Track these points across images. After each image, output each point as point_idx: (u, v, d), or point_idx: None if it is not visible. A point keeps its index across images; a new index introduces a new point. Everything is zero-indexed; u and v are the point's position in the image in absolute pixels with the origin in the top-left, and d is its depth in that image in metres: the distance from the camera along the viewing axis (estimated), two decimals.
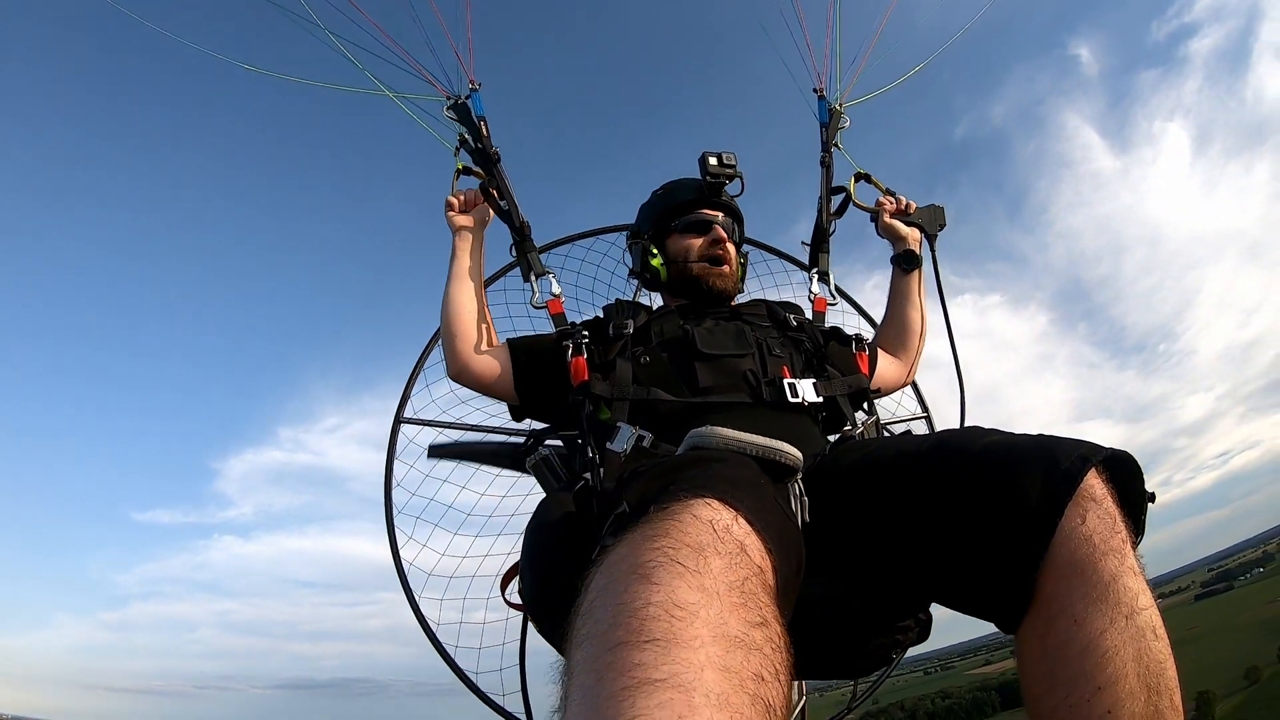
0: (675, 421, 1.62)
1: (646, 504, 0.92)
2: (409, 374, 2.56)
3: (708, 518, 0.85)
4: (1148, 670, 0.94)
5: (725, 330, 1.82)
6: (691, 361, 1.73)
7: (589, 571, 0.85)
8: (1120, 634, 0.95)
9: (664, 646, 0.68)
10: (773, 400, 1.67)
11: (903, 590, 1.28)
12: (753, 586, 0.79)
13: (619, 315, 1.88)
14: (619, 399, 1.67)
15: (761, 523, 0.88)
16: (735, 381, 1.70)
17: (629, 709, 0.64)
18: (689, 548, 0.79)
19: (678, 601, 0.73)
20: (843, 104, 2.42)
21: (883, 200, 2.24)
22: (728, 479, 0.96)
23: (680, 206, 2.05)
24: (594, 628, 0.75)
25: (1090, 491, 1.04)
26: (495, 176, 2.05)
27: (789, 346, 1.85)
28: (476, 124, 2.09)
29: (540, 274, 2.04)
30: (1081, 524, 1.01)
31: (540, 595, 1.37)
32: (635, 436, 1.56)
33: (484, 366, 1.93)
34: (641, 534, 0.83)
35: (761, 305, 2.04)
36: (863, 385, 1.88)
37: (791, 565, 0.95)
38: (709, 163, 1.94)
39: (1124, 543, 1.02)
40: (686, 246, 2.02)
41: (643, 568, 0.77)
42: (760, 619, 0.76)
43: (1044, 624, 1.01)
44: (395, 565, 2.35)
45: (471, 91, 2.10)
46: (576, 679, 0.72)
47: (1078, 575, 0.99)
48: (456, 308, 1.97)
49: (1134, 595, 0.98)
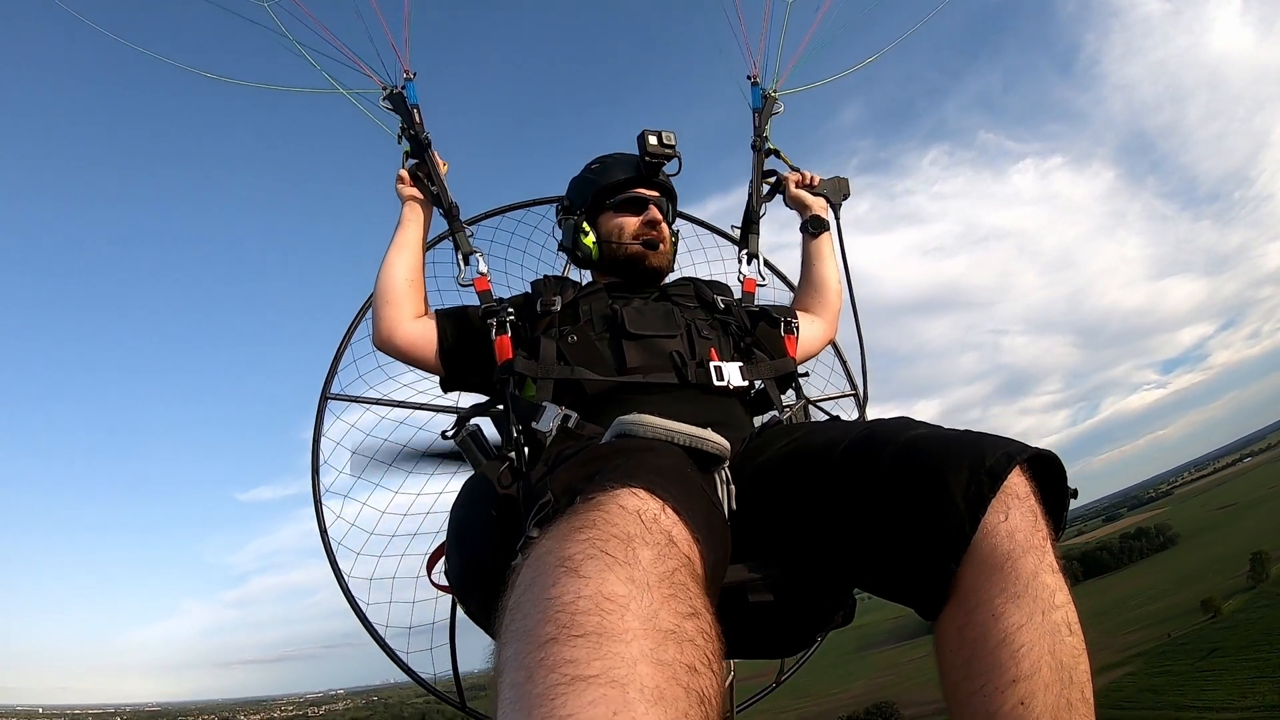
0: (601, 401, 1.62)
1: (572, 494, 0.92)
2: (335, 349, 2.49)
3: (635, 508, 0.84)
4: (1061, 664, 0.98)
5: (654, 310, 1.80)
6: (619, 340, 1.72)
7: (514, 565, 0.84)
8: (1037, 629, 0.98)
9: (595, 641, 0.68)
10: (699, 383, 1.67)
11: (827, 576, 1.30)
12: (682, 577, 0.79)
13: (546, 291, 1.85)
14: (543, 378, 1.65)
15: (689, 512, 0.89)
16: (662, 362, 1.69)
17: (561, 708, 0.63)
18: (617, 539, 0.79)
19: (607, 594, 0.72)
20: (777, 90, 2.43)
21: (789, 175, 2.34)
22: (654, 468, 0.96)
23: (615, 185, 2.01)
24: (523, 624, 0.74)
25: (1014, 489, 1.06)
26: (426, 161, 2.08)
27: (717, 329, 1.85)
28: (410, 111, 2.11)
29: (468, 252, 2.01)
30: (1004, 520, 1.04)
31: (466, 577, 1.34)
32: (560, 416, 1.53)
33: (410, 335, 1.91)
34: (568, 525, 0.83)
35: (690, 285, 2.02)
36: (790, 369, 1.89)
37: (718, 554, 0.96)
38: (649, 142, 1.90)
39: (1045, 540, 1.04)
40: (619, 225, 1.99)
41: (570, 560, 0.77)
42: (691, 609, 0.76)
43: (963, 615, 1.04)
44: (324, 546, 2.31)
45: (406, 81, 2.15)
46: (507, 677, 0.71)
47: (998, 571, 1.02)
48: (391, 273, 1.96)
49: (1051, 592, 1.01)
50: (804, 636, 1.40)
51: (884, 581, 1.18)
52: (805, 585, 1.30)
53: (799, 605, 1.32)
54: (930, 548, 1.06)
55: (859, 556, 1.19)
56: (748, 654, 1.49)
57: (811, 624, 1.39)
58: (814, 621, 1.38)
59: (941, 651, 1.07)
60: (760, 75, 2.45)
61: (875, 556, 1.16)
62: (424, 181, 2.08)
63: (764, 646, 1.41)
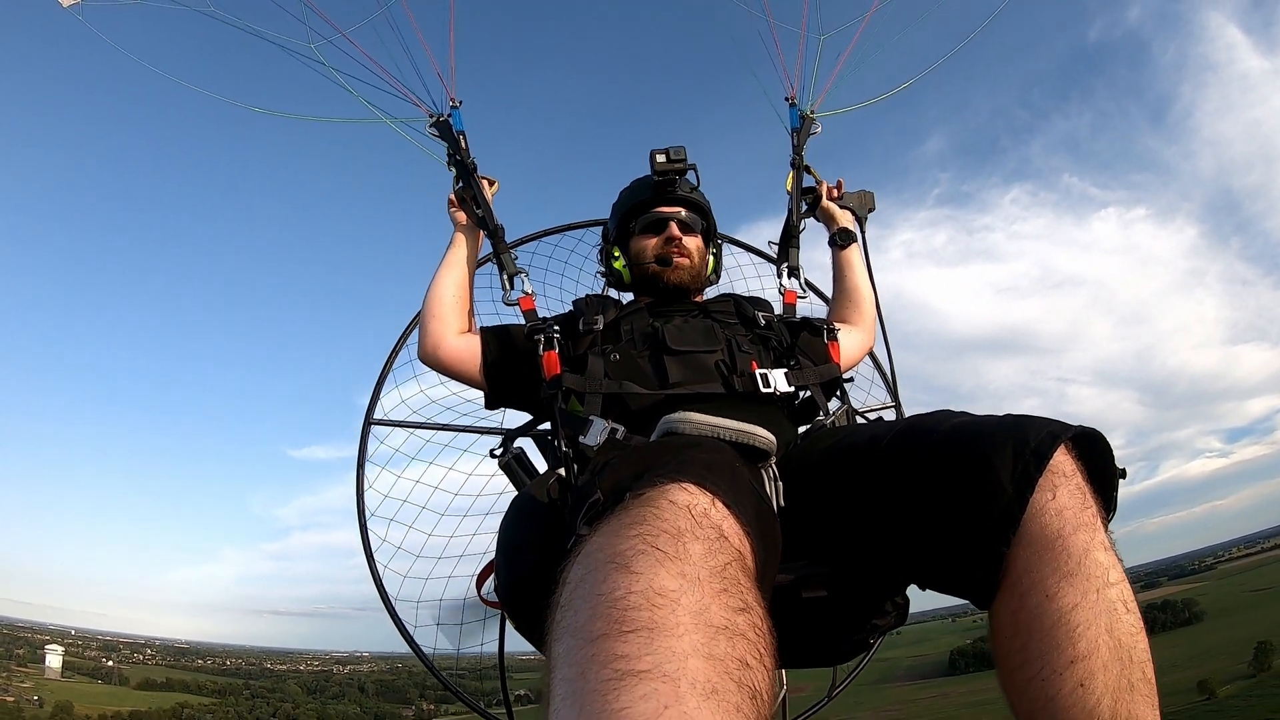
0: (647, 415, 1.62)
1: (621, 492, 0.92)
2: (378, 374, 2.54)
3: (685, 503, 0.84)
4: (1120, 643, 0.96)
5: (694, 327, 1.82)
6: (661, 356, 1.73)
7: (566, 563, 0.84)
8: (1092, 608, 0.96)
9: (647, 636, 0.67)
10: (745, 391, 1.67)
11: (879, 573, 1.29)
12: (733, 572, 0.78)
13: (589, 310, 1.88)
14: (592, 393, 1.66)
15: (739, 506, 0.88)
16: (705, 375, 1.70)
17: (613, 702, 0.63)
18: (667, 534, 0.79)
19: (658, 589, 0.72)
20: (814, 111, 2.50)
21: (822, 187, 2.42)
22: (703, 463, 0.95)
23: (639, 206, 2.08)
24: (574, 620, 0.74)
25: (1060, 467, 1.05)
26: (471, 185, 2.15)
27: (757, 344, 1.86)
28: (456, 138, 2.19)
29: (512, 273, 2.06)
30: (1052, 499, 1.03)
31: (516, 591, 1.35)
32: (608, 430, 1.54)
33: (455, 351, 1.96)
34: (618, 522, 0.83)
35: (730, 302, 2.04)
36: (835, 374, 1.89)
37: (769, 548, 0.95)
38: (656, 160, 1.95)
39: (1094, 518, 1.03)
40: (643, 248, 2.05)
41: (621, 556, 0.76)
42: (742, 604, 0.75)
43: (1016, 599, 1.02)
44: (370, 570, 2.32)
45: (452, 109, 2.23)
46: (558, 673, 0.71)
47: (1049, 550, 1.00)
48: (438, 290, 2.02)
49: (1105, 570, 0.99)
50: (858, 640, 1.38)
51: (936, 572, 1.17)
52: (857, 582, 1.29)
53: (851, 604, 1.30)
54: (980, 532, 1.05)
55: (909, 549, 1.18)
56: (800, 663, 1.47)
57: (865, 625, 1.36)
58: (867, 622, 1.36)
59: (997, 640, 1.05)
60: (798, 97, 2.53)
61: (925, 547, 1.15)
62: (469, 204, 2.14)
63: (817, 653, 1.39)
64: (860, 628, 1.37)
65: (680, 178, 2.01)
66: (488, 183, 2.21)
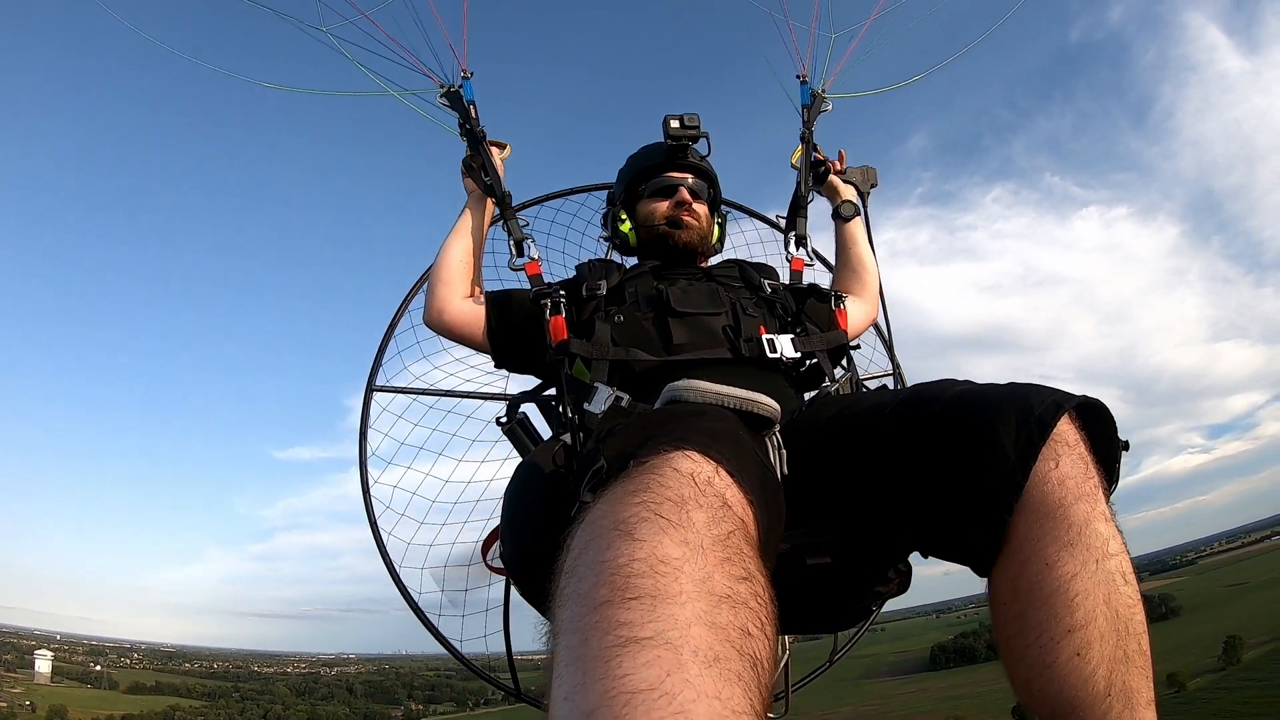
0: (652, 381, 1.61)
1: (625, 459, 0.91)
2: (379, 341, 2.53)
3: (688, 470, 0.83)
4: (1117, 614, 0.97)
5: (698, 289, 1.81)
6: (665, 318, 1.72)
7: (570, 530, 0.84)
8: (1091, 578, 0.97)
9: (649, 603, 0.67)
10: (752, 356, 1.66)
11: (882, 540, 1.29)
12: (736, 540, 0.78)
13: (592, 275, 1.87)
14: (599, 358, 1.66)
15: (742, 474, 0.87)
16: (710, 339, 1.69)
17: (616, 669, 0.63)
18: (670, 502, 0.78)
19: (661, 557, 0.71)
20: (825, 89, 2.50)
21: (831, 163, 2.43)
22: (707, 431, 0.94)
23: (648, 170, 2.09)
24: (577, 586, 0.74)
25: (1063, 437, 1.05)
26: (480, 153, 2.16)
27: (762, 307, 1.85)
28: (466, 108, 2.20)
29: (519, 239, 2.05)
30: (1055, 468, 1.03)
31: (521, 557, 1.36)
32: (613, 397, 1.54)
33: (459, 313, 1.98)
34: (622, 489, 0.82)
35: (734, 267, 2.04)
36: (842, 341, 1.88)
37: (772, 517, 0.94)
38: (670, 125, 1.93)
39: (1096, 488, 1.03)
40: (652, 211, 2.06)
41: (624, 524, 0.76)
42: (745, 573, 0.75)
43: (1016, 567, 1.03)
44: (374, 537, 2.33)
45: (464, 80, 2.24)
46: (562, 639, 0.71)
47: (1050, 519, 1.01)
48: (446, 255, 2.05)
49: (1105, 540, 0.99)
50: (860, 607, 1.39)
51: (938, 539, 1.18)
52: (860, 549, 1.29)
53: (854, 571, 1.31)
54: (983, 499, 1.05)
55: (912, 515, 1.18)
56: (803, 629, 1.48)
57: (867, 591, 1.37)
58: (870, 589, 1.37)
59: (996, 608, 1.06)
60: (809, 75, 2.54)
61: (928, 514, 1.15)
62: (478, 173, 2.16)
63: (819, 619, 1.40)
64: (863, 595, 1.38)
65: (692, 144, 2.00)
66: (499, 147, 2.23)
